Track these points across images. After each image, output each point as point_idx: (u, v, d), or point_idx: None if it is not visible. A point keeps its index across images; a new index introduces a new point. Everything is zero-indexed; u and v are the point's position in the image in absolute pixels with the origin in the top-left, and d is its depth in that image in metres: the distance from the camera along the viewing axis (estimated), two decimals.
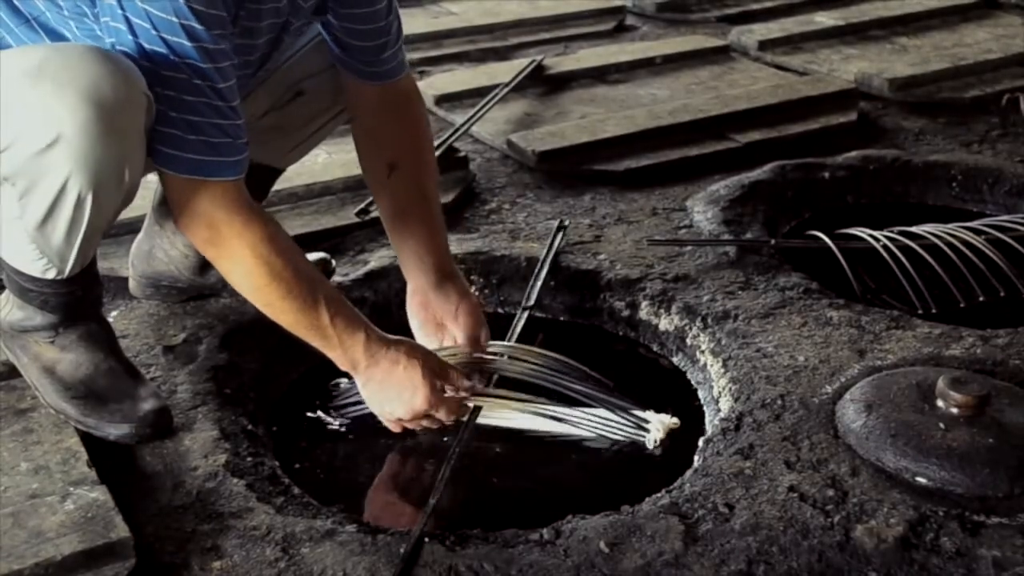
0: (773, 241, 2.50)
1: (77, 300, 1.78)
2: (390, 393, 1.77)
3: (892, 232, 2.49)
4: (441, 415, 1.82)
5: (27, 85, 1.50)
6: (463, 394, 1.85)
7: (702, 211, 2.65)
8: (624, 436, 1.90)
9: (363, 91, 1.98)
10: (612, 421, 1.91)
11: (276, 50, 1.89)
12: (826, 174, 2.88)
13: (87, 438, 1.77)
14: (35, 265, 1.70)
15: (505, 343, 2.05)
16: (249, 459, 1.78)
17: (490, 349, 1.99)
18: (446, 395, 1.81)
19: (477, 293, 2.35)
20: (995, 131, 3.24)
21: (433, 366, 1.80)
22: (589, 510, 1.65)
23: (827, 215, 2.77)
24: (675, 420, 1.92)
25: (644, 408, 1.94)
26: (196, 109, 1.59)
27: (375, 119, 1.99)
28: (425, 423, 1.84)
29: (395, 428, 1.86)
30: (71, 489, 1.61)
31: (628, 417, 1.91)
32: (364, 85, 1.96)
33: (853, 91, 3.44)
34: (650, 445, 1.89)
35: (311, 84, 2.04)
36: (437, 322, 2.00)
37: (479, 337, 1.97)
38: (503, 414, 1.93)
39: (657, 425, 1.90)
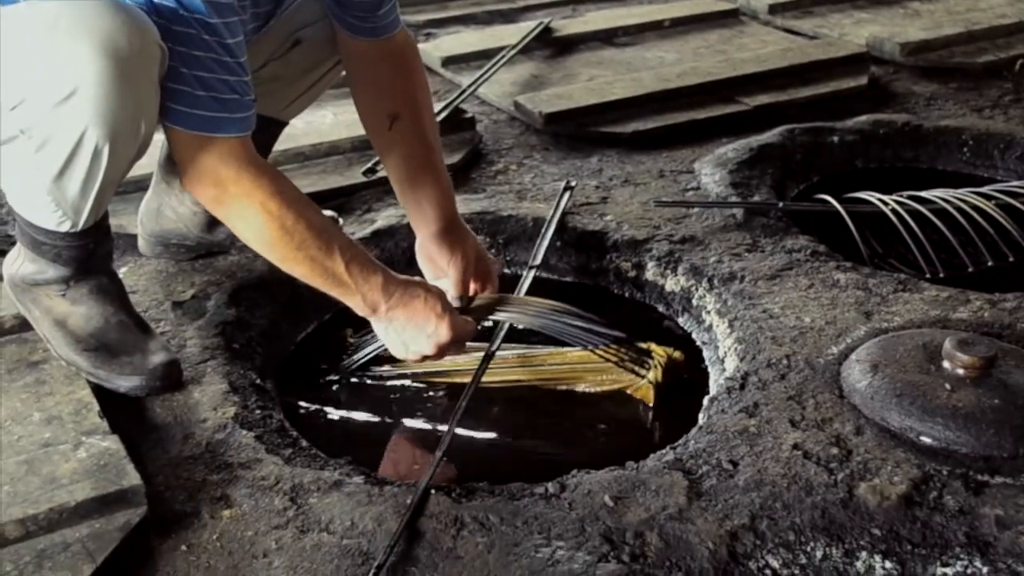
0: (781, 204, 2.50)
1: (89, 253, 1.80)
2: (413, 330, 1.78)
3: (901, 197, 2.50)
4: (464, 341, 1.83)
5: (42, 38, 1.52)
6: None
7: (710, 173, 2.66)
8: (625, 364, 1.94)
9: (358, 47, 1.98)
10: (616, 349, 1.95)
11: (281, 5, 1.90)
12: (835, 138, 2.88)
13: (98, 390, 1.80)
14: (50, 218, 1.72)
15: (507, 295, 2.06)
16: (258, 412, 1.81)
17: (484, 297, 2.00)
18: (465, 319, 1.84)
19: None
20: (1007, 96, 3.24)
21: (447, 300, 1.84)
22: (594, 466, 1.68)
23: (836, 179, 2.77)
24: (679, 353, 1.96)
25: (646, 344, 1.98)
26: (206, 65, 1.60)
27: (373, 73, 2.00)
28: (448, 353, 1.86)
29: (416, 360, 1.88)
30: (83, 438, 1.64)
31: (631, 348, 1.95)
32: (359, 41, 1.97)
33: (864, 55, 3.44)
34: (651, 377, 1.92)
35: (308, 33, 2.05)
36: (443, 274, 2.02)
37: (468, 282, 1.98)
38: (516, 316, 1.96)
39: (660, 352, 1.94)
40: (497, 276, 2.04)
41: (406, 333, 1.78)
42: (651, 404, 1.94)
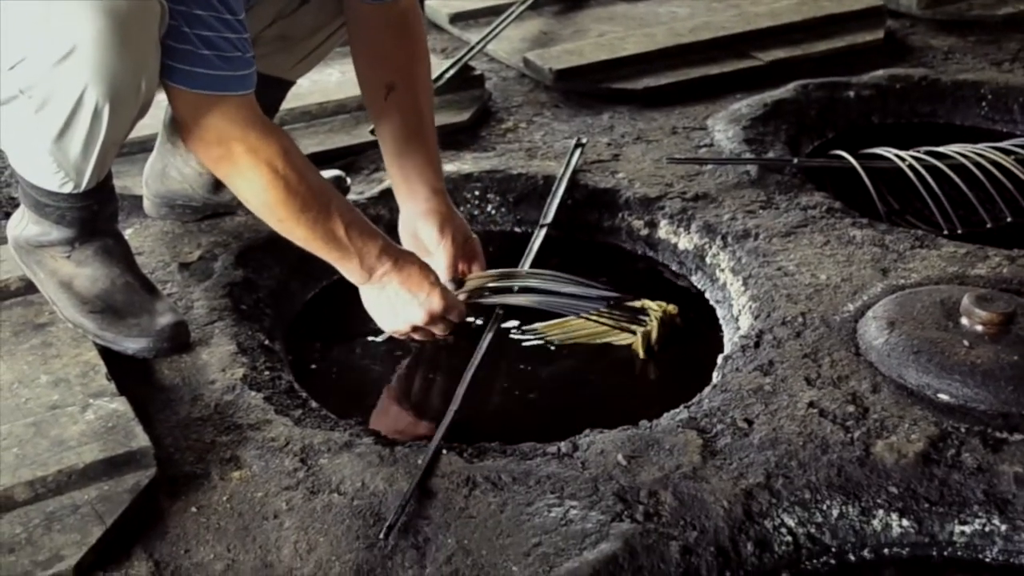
0: (795, 160, 2.49)
1: (93, 214, 1.79)
2: (406, 296, 1.80)
3: (918, 152, 2.48)
4: (453, 316, 1.86)
5: None
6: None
7: (723, 130, 2.64)
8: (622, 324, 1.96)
9: (362, 11, 1.97)
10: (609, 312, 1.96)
11: None
12: (851, 93, 2.86)
13: (105, 352, 1.79)
14: (52, 179, 1.71)
15: (491, 272, 2.04)
16: (267, 373, 1.81)
17: (475, 277, 2.00)
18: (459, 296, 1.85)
19: (494, 212, 2.37)
20: None
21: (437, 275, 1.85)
22: (607, 425, 1.68)
23: (851, 135, 2.75)
24: (673, 306, 1.97)
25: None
26: (208, 23, 1.59)
27: (373, 39, 1.99)
28: (437, 330, 1.88)
29: (402, 333, 1.89)
30: (91, 400, 1.64)
31: (625, 308, 1.97)
32: (363, 5, 1.96)
33: (880, 9, 3.38)
34: (641, 331, 1.94)
35: None
36: (427, 253, 2.01)
37: (458, 264, 1.98)
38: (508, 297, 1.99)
39: (654, 308, 1.95)
40: (483, 255, 2.04)
41: (398, 299, 1.80)
42: (641, 355, 1.94)
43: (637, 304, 1.99)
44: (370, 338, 1.98)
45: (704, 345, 2.00)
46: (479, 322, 1.99)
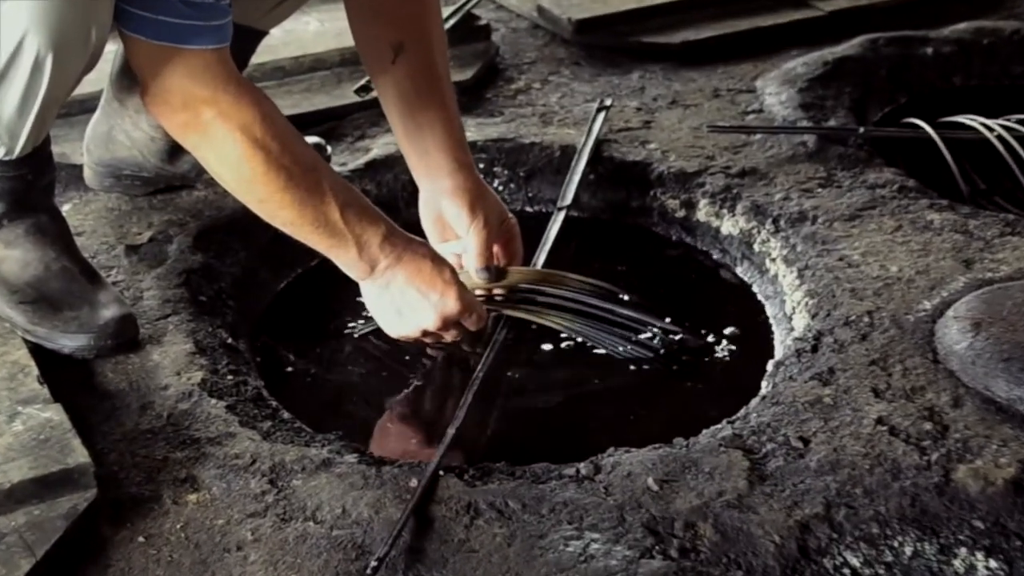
0: (862, 129, 2.49)
1: (27, 185, 1.79)
2: (415, 295, 1.77)
3: (1009, 121, 2.48)
4: (470, 323, 1.84)
5: None
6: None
7: (775, 93, 2.64)
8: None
9: None
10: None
11: None
12: (928, 50, 2.86)
13: (37, 350, 1.79)
14: None
15: (533, 271, 2.05)
16: (229, 377, 1.81)
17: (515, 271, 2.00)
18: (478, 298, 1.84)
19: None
20: None
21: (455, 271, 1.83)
22: (635, 443, 1.67)
23: (928, 99, 2.76)
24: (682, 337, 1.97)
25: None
26: None
27: None
28: (448, 336, 1.86)
29: (409, 338, 1.88)
30: (19, 408, 1.63)
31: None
32: None
33: None
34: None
35: None
36: (455, 238, 2.00)
37: (492, 250, 1.97)
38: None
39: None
40: (519, 237, 2.03)
41: (405, 298, 1.78)
42: None
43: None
44: (350, 331, 1.99)
45: (751, 349, 2.00)
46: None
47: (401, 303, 1.79)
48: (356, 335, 2.00)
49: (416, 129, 1.99)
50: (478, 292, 1.93)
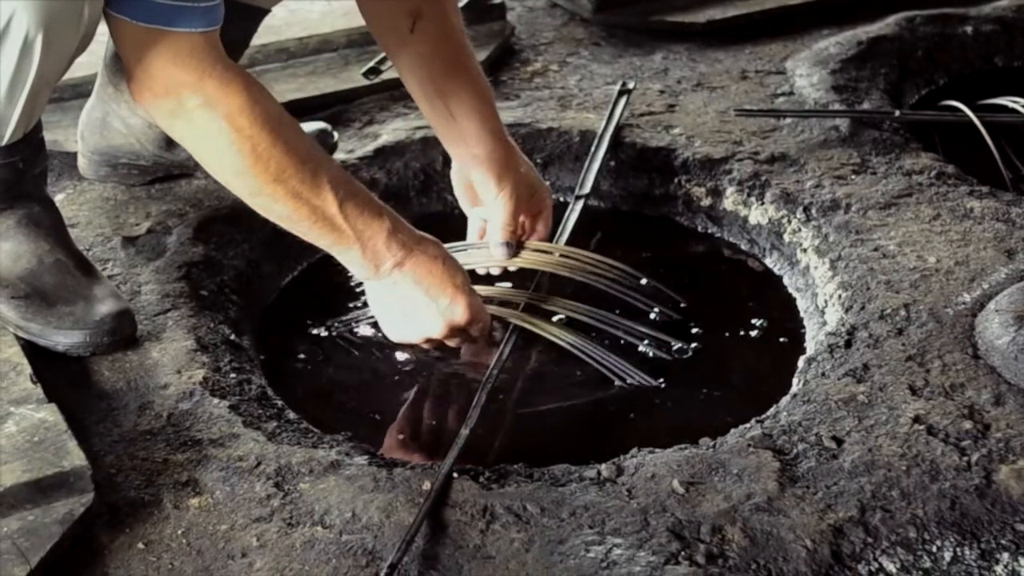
0: (898, 112, 2.49)
1: (18, 174, 1.79)
2: (423, 299, 1.77)
3: None
4: (475, 330, 1.84)
5: None
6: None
7: (806, 74, 2.64)
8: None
9: None
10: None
11: None
12: (968, 28, 2.87)
13: (30, 348, 1.79)
14: None
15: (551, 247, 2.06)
16: (232, 376, 1.81)
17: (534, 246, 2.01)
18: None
19: None
20: None
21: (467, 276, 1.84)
22: (659, 443, 1.68)
23: (968, 81, 2.76)
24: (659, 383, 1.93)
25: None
26: None
27: None
28: (452, 342, 1.87)
29: (414, 344, 1.88)
30: (12, 409, 1.64)
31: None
32: None
33: None
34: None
35: None
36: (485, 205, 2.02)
37: (518, 221, 1.98)
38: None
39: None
40: (550, 209, 2.04)
41: (412, 301, 1.77)
42: None
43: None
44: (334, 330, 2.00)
45: (781, 344, 2.00)
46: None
47: (408, 306, 1.78)
48: (334, 333, 2.00)
49: (441, 97, 2.00)
50: (488, 296, 1.94)
